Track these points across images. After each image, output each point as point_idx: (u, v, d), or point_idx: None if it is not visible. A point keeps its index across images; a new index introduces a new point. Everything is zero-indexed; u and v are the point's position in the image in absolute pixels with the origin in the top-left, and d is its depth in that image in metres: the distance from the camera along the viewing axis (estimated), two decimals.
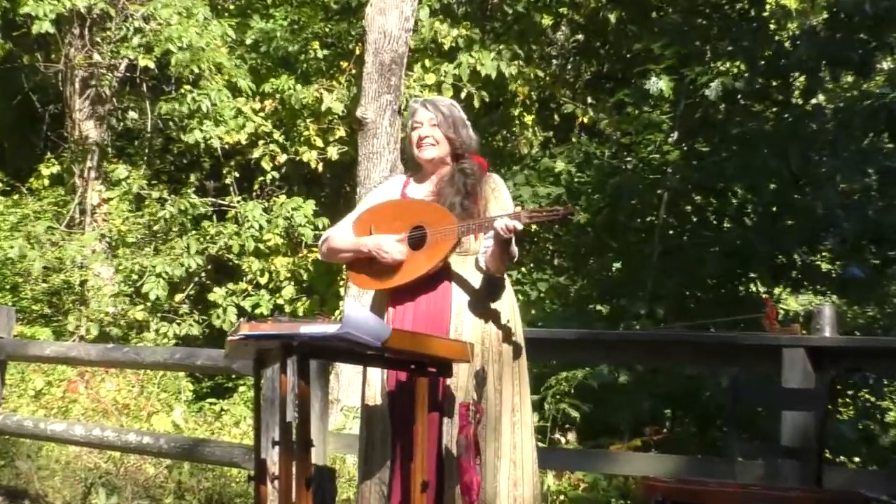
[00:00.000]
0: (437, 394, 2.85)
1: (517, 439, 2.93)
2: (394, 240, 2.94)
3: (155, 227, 8.51)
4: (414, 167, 3.20)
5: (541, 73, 9.21)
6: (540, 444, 3.69)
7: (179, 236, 8.44)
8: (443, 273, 2.93)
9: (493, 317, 2.95)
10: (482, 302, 2.94)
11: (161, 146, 9.53)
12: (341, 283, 8.09)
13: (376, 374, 3.00)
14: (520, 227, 2.77)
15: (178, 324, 8.27)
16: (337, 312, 7.93)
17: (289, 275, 8.49)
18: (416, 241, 2.92)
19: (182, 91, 8.20)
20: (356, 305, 2.60)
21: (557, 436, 5.25)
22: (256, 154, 8.41)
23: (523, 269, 8.15)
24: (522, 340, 3.01)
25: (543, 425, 5.13)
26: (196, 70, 7.95)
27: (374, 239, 2.96)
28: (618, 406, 6.49)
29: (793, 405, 3.23)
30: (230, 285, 8.52)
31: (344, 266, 3.21)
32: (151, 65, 8.06)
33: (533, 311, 7.36)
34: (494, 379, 2.90)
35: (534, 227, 7.33)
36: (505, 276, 3.01)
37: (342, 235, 3.07)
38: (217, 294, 8.46)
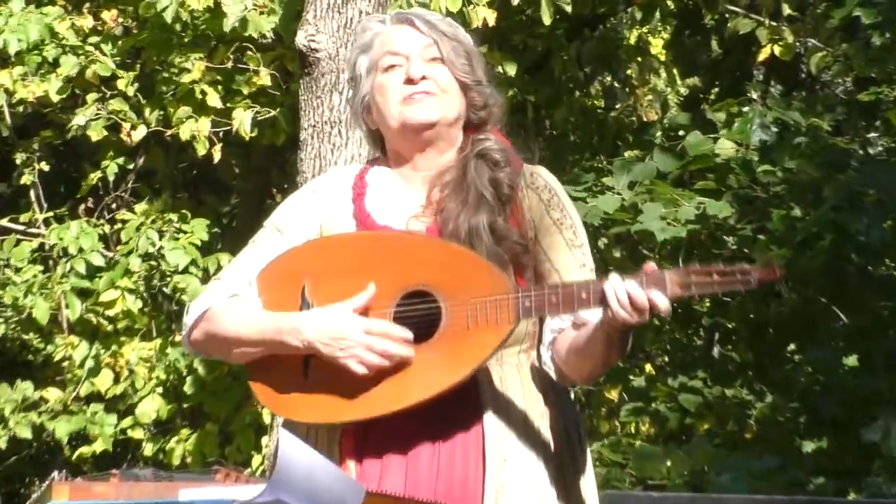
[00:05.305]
0: None
1: None
2: (387, 322, 3.01)
3: None
4: (379, 149, 3.35)
5: None
6: None
7: None
8: (468, 391, 3.04)
9: (561, 473, 3.12)
10: (552, 447, 3.11)
11: None
12: None
13: None
14: (664, 304, 2.84)
15: None
16: (257, 460, 8.17)
17: (154, 377, 8.62)
18: (419, 323, 3.02)
19: None
20: (298, 444, 2.76)
21: None
22: (81, 120, 8.57)
23: (648, 369, 8.27)
24: None
25: None
26: None
27: (348, 322, 3.01)
28: None
29: None
30: (24, 386, 8.74)
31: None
32: None
33: (671, 459, 7.45)
34: None
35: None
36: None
37: (238, 307, 3.14)
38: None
